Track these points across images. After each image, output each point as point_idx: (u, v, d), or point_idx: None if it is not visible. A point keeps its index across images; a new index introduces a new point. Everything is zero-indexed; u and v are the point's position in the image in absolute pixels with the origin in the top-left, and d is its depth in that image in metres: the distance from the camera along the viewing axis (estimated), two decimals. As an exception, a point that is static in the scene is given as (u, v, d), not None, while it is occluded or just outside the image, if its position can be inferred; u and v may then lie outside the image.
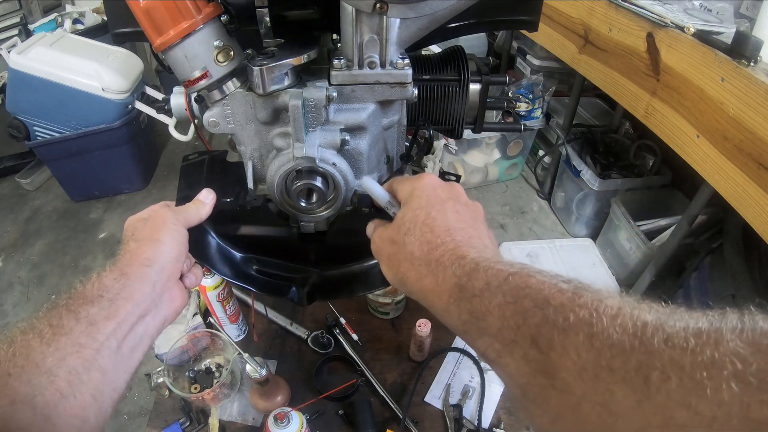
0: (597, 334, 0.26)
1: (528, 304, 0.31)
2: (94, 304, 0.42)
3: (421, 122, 0.61)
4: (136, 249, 0.48)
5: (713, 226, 1.75)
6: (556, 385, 0.28)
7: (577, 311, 0.28)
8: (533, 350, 0.29)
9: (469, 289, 0.35)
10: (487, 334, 0.33)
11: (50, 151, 2.33)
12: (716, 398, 0.21)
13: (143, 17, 0.46)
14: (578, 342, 0.27)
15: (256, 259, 0.66)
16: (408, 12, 0.44)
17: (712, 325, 0.24)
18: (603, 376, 0.25)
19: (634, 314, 0.26)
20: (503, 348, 0.32)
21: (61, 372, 0.38)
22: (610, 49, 1.59)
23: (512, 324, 0.31)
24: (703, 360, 0.22)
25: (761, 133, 1.05)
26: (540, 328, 0.29)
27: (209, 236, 0.63)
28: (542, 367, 0.29)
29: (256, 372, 0.80)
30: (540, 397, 0.29)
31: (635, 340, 0.25)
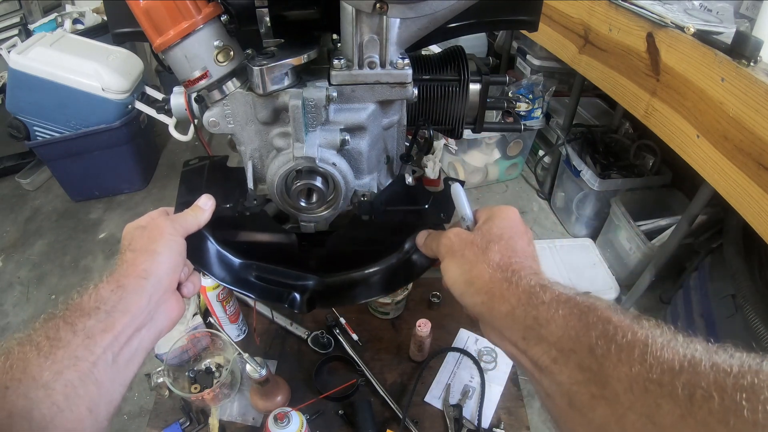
0: (651, 352, 0.29)
1: (591, 319, 0.33)
2: (91, 317, 0.42)
3: (421, 122, 0.61)
4: (133, 260, 0.47)
5: (713, 226, 1.75)
6: (606, 395, 0.29)
7: (635, 331, 0.31)
8: (589, 359, 0.31)
9: (538, 298, 0.37)
10: (547, 341, 0.35)
11: (50, 151, 2.33)
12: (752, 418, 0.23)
13: (143, 17, 0.46)
14: (632, 357, 0.29)
15: (255, 266, 0.65)
16: (408, 12, 0.44)
17: (755, 359, 0.26)
18: (652, 389, 0.27)
19: (686, 342, 0.29)
20: (560, 355, 0.34)
21: (57, 386, 0.38)
22: (610, 49, 1.59)
23: (573, 334, 0.33)
24: (744, 384, 0.24)
25: (761, 133, 1.05)
26: (599, 340, 0.32)
27: (208, 242, 0.62)
28: (595, 377, 0.31)
29: (256, 372, 0.80)
30: (587, 407, 0.31)
31: (684, 362, 0.27)
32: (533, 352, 0.36)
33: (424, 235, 0.58)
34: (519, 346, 0.38)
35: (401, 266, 0.65)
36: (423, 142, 0.61)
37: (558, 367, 0.34)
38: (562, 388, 0.33)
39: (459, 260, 0.46)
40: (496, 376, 0.98)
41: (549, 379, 0.35)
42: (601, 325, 0.32)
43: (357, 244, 0.65)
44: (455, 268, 0.47)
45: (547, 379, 0.35)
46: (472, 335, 1.06)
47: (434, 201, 0.62)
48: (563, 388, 0.33)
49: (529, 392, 1.35)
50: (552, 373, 0.34)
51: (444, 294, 1.13)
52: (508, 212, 0.49)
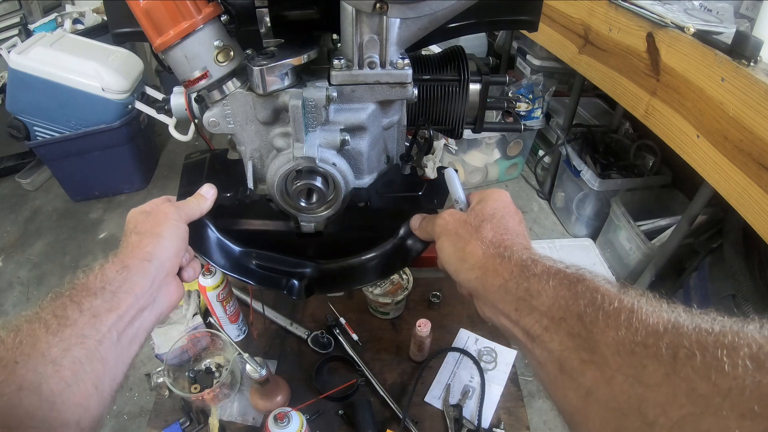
0: (636, 317, 0.30)
1: (580, 289, 0.35)
2: (97, 296, 0.43)
3: (421, 122, 0.61)
4: (138, 242, 0.49)
5: (713, 226, 1.75)
6: (595, 359, 0.31)
7: (621, 299, 0.33)
8: (578, 326, 0.33)
9: (530, 270, 0.39)
10: (538, 311, 0.37)
11: (50, 151, 2.33)
12: (733, 373, 0.24)
13: (143, 17, 0.46)
14: (619, 321, 0.31)
15: (254, 253, 0.66)
16: (408, 12, 0.44)
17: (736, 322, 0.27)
18: (638, 351, 0.29)
19: (671, 308, 0.31)
20: (551, 323, 0.35)
21: (65, 362, 0.39)
22: (610, 49, 1.59)
23: (563, 303, 0.35)
24: (724, 342, 0.25)
25: (761, 133, 1.05)
26: (587, 308, 0.33)
27: (209, 230, 0.63)
28: (584, 342, 0.32)
29: (256, 372, 0.80)
30: (577, 371, 0.32)
31: (668, 324, 0.29)
32: (525, 321, 0.38)
33: (418, 218, 0.60)
34: (512, 318, 0.40)
35: (396, 251, 0.66)
36: (423, 142, 0.61)
37: (549, 335, 0.35)
38: (553, 355, 0.35)
39: (453, 238, 0.48)
40: (496, 376, 0.99)
41: (541, 347, 0.36)
42: (589, 294, 0.34)
43: (353, 231, 0.66)
44: (449, 246, 0.48)
45: (539, 348, 0.36)
46: (472, 335, 1.06)
47: (428, 188, 0.63)
48: (554, 355, 0.34)
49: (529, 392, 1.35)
50: (543, 341, 0.36)
51: (444, 294, 1.13)
52: (500, 194, 0.51)
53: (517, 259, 0.41)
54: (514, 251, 0.43)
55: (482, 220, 0.47)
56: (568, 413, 0.34)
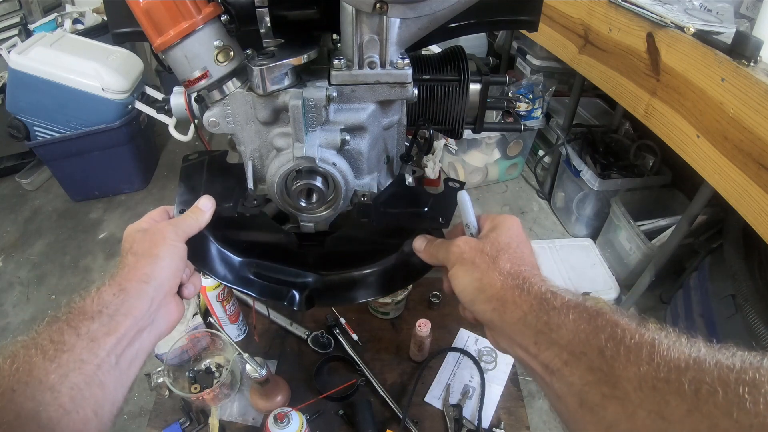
0: (658, 352, 0.30)
1: (600, 323, 0.35)
2: (94, 320, 0.43)
3: (421, 122, 0.61)
4: (135, 263, 0.48)
5: (713, 226, 1.75)
6: (617, 394, 0.31)
7: (642, 333, 0.33)
8: (599, 360, 0.33)
9: (549, 303, 0.39)
10: (558, 344, 0.36)
11: (50, 151, 2.33)
12: (754, 410, 0.24)
13: (143, 17, 0.46)
14: (640, 356, 0.31)
15: (255, 264, 0.66)
16: (408, 12, 0.44)
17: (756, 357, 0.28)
18: (660, 387, 0.29)
19: (690, 343, 0.31)
20: (571, 357, 0.35)
21: (63, 388, 0.38)
22: (610, 49, 1.59)
23: (583, 337, 0.35)
24: (746, 379, 0.26)
25: (761, 133, 1.05)
26: (608, 342, 0.33)
27: (208, 241, 0.62)
28: (605, 377, 0.32)
29: (256, 372, 0.80)
30: (599, 406, 0.32)
31: (690, 360, 0.29)
32: (544, 356, 0.37)
33: (422, 241, 0.58)
34: (530, 351, 0.39)
35: (400, 267, 0.65)
36: (423, 142, 0.61)
37: (569, 369, 0.35)
38: (573, 389, 0.34)
39: (469, 268, 0.47)
40: (496, 376, 0.99)
41: (560, 381, 0.36)
42: (610, 328, 0.34)
43: (356, 244, 0.65)
44: (466, 276, 0.47)
45: (558, 382, 0.36)
46: (472, 335, 1.06)
47: (434, 203, 0.62)
48: (574, 389, 0.34)
49: (529, 392, 1.35)
50: (563, 375, 0.35)
51: (444, 294, 1.13)
52: (513, 222, 0.50)
53: (537, 292, 0.41)
54: (533, 283, 0.42)
55: (499, 249, 0.46)
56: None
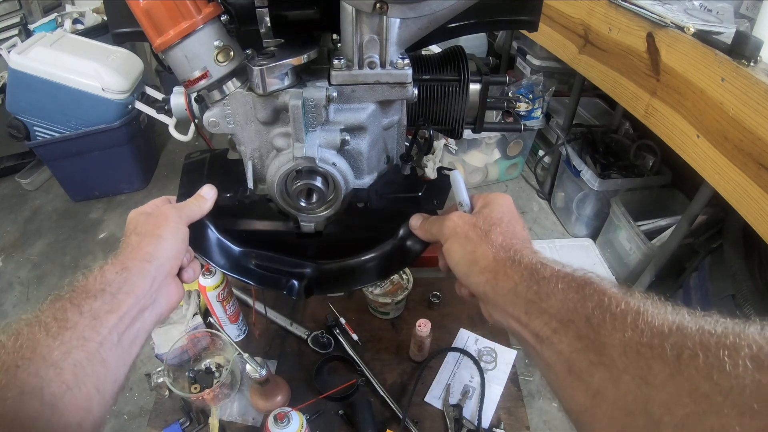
0: (642, 319, 0.31)
1: (587, 291, 0.36)
2: (97, 298, 0.43)
3: (421, 122, 0.61)
4: (138, 243, 0.49)
5: (713, 226, 1.75)
6: (603, 360, 0.32)
7: (628, 301, 0.33)
8: (587, 328, 0.34)
9: (539, 274, 0.40)
10: (547, 313, 0.37)
11: (50, 151, 2.33)
12: (734, 373, 0.25)
13: (143, 17, 0.46)
14: (626, 323, 0.32)
15: (254, 253, 0.66)
16: (408, 12, 0.44)
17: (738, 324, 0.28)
18: (644, 352, 0.30)
19: (675, 310, 0.32)
20: (560, 325, 0.36)
21: (66, 365, 0.39)
22: (610, 49, 1.59)
23: (571, 306, 0.36)
24: (726, 343, 0.26)
25: (761, 133, 1.05)
26: (595, 310, 0.34)
27: (209, 230, 0.63)
28: (592, 344, 0.33)
29: (256, 372, 0.80)
30: (586, 372, 0.33)
31: (673, 326, 0.30)
32: (534, 324, 0.38)
33: (418, 218, 0.59)
34: (521, 321, 0.40)
35: (395, 252, 0.66)
36: (423, 142, 0.61)
37: (558, 336, 0.36)
38: (562, 357, 0.35)
39: (463, 241, 0.48)
40: (496, 376, 0.99)
41: (549, 349, 0.37)
42: (597, 297, 0.35)
43: (353, 231, 0.66)
44: (459, 249, 0.48)
45: (547, 350, 0.37)
46: (472, 335, 1.06)
47: (428, 189, 0.63)
48: (563, 357, 0.35)
49: (529, 392, 1.35)
50: (552, 343, 0.36)
51: (444, 294, 1.13)
52: (505, 199, 0.52)
53: (527, 263, 0.42)
54: (524, 255, 0.43)
55: (491, 224, 0.48)
56: (575, 413, 0.34)
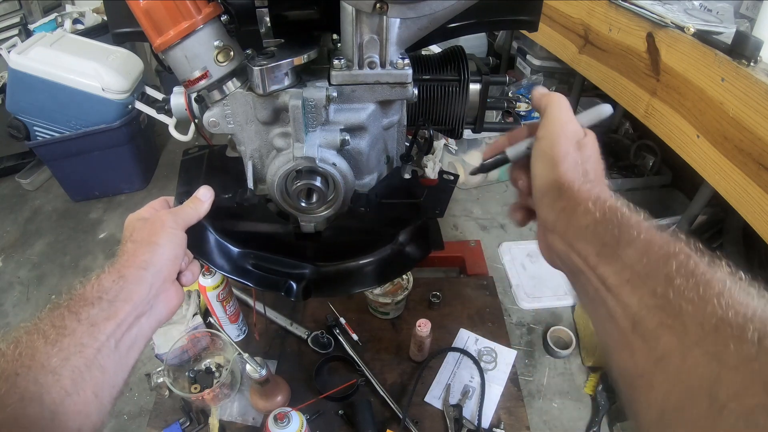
0: (728, 293, 0.28)
1: (673, 249, 0.32)
2: (94, 306, 0.44)
3: (421, 122, 0.61)
4: (134, 251, 0.49)
5: (713, 226, 1.75)
6: (675, 325, 0.29)
7: (714, 270, 0.30)
8: (665, 286, 0.31)
9: (624, 218, 0.36)
10: (622, 261, 0.34)
11: (50, 151, 2.33)
12: None
13: (143, 17, 0.46)
14: (709, 293, 0.29)
15: (253, 255, 0.66)
16: (408, 12, 0.44)
17: None
18: (723, 328, 0.27)
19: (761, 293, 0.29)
20: (634, 277, 0.33)
21: (65, 371, 0.40)
22: (610, 49, 1.59)
23: (652, 259, 0.32)
24: None
25: (761, 133, 1.05)
26: (678, 270, 0.31)
27: (207, 231, 0.63)
28: (668, 305, 0.30)
29: (256, 372, 0.80)
30: (652, 333, 0.30)
31: (758, 310, 0.27)
32: (604, 269, 0.35)
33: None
34: (589, 261, 0.36)
35: (394, 258, 0.66)
36: (423, 142, 0.61)
37: (630, 287, 0.33)
38: (629, 311, 0.32)
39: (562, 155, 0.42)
40: (496, 376, 0.98)
41: (616, 299, 0.33)
42: (683, 257, 0.32)
43: (352, 234, 0.66)
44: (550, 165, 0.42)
45: (613, 300, 0.34)
46: (472, 335, 1.06)
47: (429, 194, 0.63)
48: (630, 311, 0.32)
49: (529, 392, 1.35)
50: (620, 294, 0.33)
51: (444, 294, 1.13)
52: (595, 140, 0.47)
53: (612, 204, 0.38)
54: (610, 195, 0.40)
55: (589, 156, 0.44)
56: (630, 376, 0.32)
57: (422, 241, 0.65)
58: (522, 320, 1.47)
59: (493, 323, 1.10)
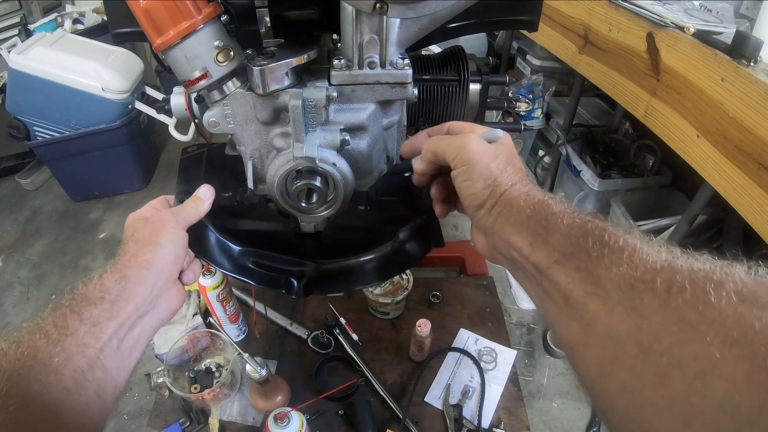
0: (638, 255, 0.33)
1: (590, 227, 0.38)
2: (96, 306, 0.44)
3: (421, 122, 0.61)
4: (136, 251, 0.49)
5: (713, 226, 1.75)
6: (598, 292, 0.34)
7: (626, 238, 0.35)
8: (586, 261, 0.36)
9: (549, 209, 0.42)
10: (551, 245, 0.39)
11: (50, 151, 2.33)
12: (718, 305, 0.27)
13: (143, 17, 0.46)
14: (622, 258, 0.33)
15: (254, 253, 0.66)
16: (408, 12, 0.44)
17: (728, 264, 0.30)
18: (636, 285, 0.31)
19: (669, 249, 0.34)
20: (561, 257, 0.38)
21: (67, 371, 0.40)
22: (610, 49, 1.59)
23: (574, 240, 0.38)
24: (713, 278, 0.28)
25: (761, 133, 1.05)
26: (595, 245, 0.36)
27: (208, 230, 0.63)
28: (590, 276, 0.35)
29: (256, 372, 0.80)
30: (581, 302, 0.35)
31: (665, 263, 0.32)
32: (536, 256, 0.40)
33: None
34: (523, 252, 0.41)
35: (395, 255, 0.66)
36: (423, 142, 0.61)
37: (558, 267, 0.38)
38: (560, 287, 0.37)
39: (484, 171, 0.47)
40: (496, 376, 0.99)
41: (549, 279, 0.38)
42: (598, 233, 0.37)
43: (352, 232, 0.66)
44: (480, 180, 0.47)
45: (547, 280, 0.39)
46: (472, 335, 1.06)
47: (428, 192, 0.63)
48: (560, 287, 0.37)
49: (529, 392, 1.35)
50: (552, 274, 0.38)
51: (444, 294, 1.13)
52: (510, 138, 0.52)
53: (540, 199, 0.43)
54: (535, 192, 0.45)
55: (510, 156, 0.49)
56: (570, 343, 0.36)
57: (423, 239, 0.65)
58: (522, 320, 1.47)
59: (493, 323, 1.10)
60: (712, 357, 0.25)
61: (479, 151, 0.47)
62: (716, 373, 0.25)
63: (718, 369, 0.25)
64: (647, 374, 0.28)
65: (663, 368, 0.28)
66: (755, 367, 0.23)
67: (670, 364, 0.27)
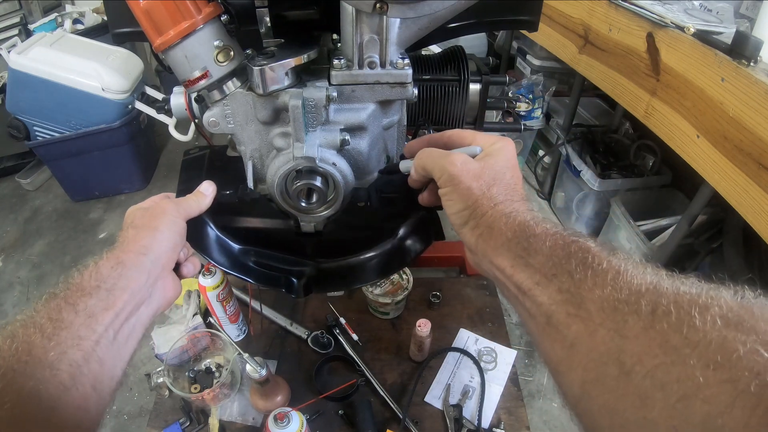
0: (622, 277, 0.33)
1: (573, 249, 0.37)
2: (92, 296, 0.43)
3: (421, 122, 0.61)
4: (134, 236, 0.49)
5: (713, 226, 1.75)
6: (581, 314, 0.34)
7: (611, 260, 0.35)
8: (568, 282, 0.36)
9: (531, 230, 0.41)
10: (533, 267, 0.39)
11: (50, 151, 2.33)
12: (702, 329, 0.27)
13: (143, 17, 0.46)
14: (606, 281, 0.33)
15: (254, 251, 0.66)
16: (408, 12, 0.44)
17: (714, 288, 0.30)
18: (620, 307, 0.31)
19: (654, 271, 0.34)
20: (543, 279, 0.38)
21: (62, 365, 0.39)
22: (610, 49, 1.59)
23: (556, 262, 0.38)
24: (698, 302, 0.28)
25: (761, 133, 1.05)
26: (578, 266, 0.36)
27: (208, 227, 0.63)
28: (572, 298, 0.35)
29: (256, 372, 0.80)
30: (563, 324, 0.35)
31: (650, 285, 0.32)
32: (519, 277, 0.40)
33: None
34: (506, 272, 0.42)
35: (395, 252, 0.66)
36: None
37: (540, 289, 0.38)
38: (542, 308, 0.37)
39: (465, 193, 0.47)
40: (496, 376, 0.99)
41: (531, 300, 0.38)
42: (581, 254, 0.37)
43: (352, 230, 0.66)
44: (460, 201, 0.47)
45: (529, 301, 0.39)
46: (472, 335, 1.06)
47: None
48: (543, 308, 0.37)
49: (529, 392, 1.35)
50: (534, 295, 0.38)
51: (444, 294, 1.13)
52: (509, 149, 0.50)
53: (522, 221, 0.43)
54: (519, 212, 0.44)
55: (495, 178, 0.47)
56: (553, 363, 0.36)
57: (423, 234, 0.65)
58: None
59: (493, 323, 1.10)
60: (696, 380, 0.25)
61: (462, 171, 0.47)
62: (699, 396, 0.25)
63: (701, 392, 0.25)
64: (630, 396, 0.28)
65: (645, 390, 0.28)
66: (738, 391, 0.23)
67: (653, 386, 0.27)
